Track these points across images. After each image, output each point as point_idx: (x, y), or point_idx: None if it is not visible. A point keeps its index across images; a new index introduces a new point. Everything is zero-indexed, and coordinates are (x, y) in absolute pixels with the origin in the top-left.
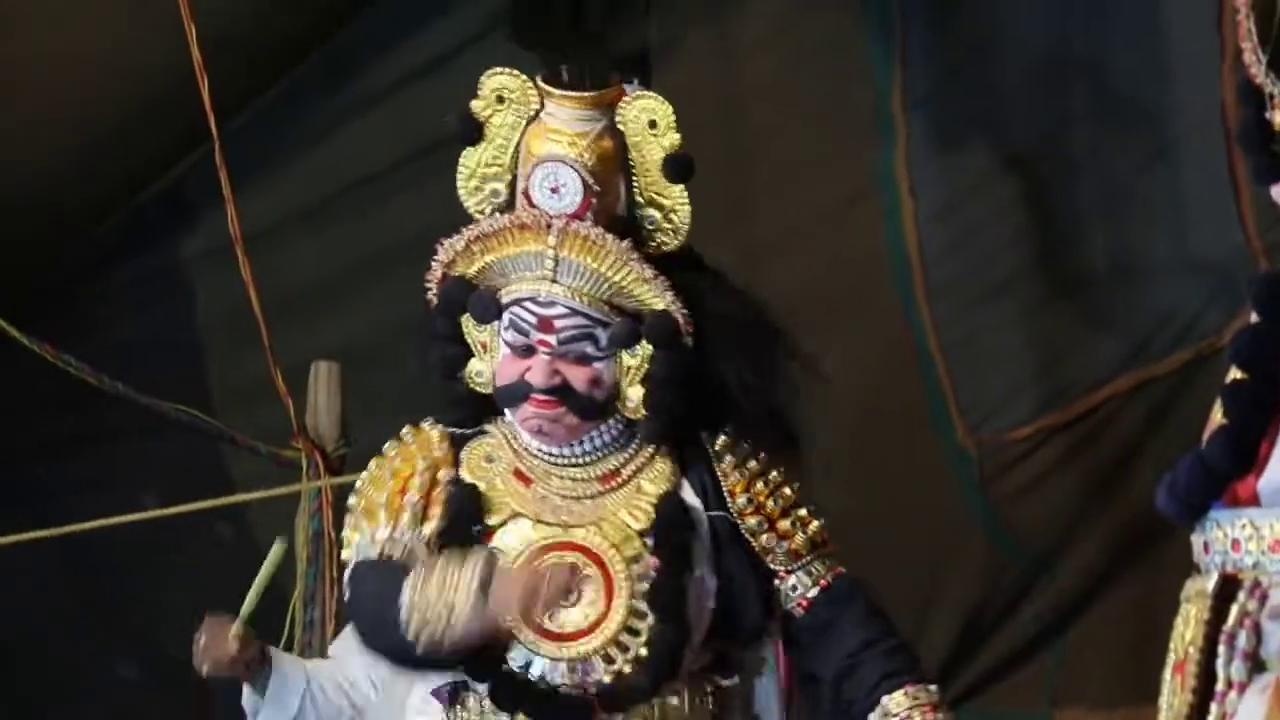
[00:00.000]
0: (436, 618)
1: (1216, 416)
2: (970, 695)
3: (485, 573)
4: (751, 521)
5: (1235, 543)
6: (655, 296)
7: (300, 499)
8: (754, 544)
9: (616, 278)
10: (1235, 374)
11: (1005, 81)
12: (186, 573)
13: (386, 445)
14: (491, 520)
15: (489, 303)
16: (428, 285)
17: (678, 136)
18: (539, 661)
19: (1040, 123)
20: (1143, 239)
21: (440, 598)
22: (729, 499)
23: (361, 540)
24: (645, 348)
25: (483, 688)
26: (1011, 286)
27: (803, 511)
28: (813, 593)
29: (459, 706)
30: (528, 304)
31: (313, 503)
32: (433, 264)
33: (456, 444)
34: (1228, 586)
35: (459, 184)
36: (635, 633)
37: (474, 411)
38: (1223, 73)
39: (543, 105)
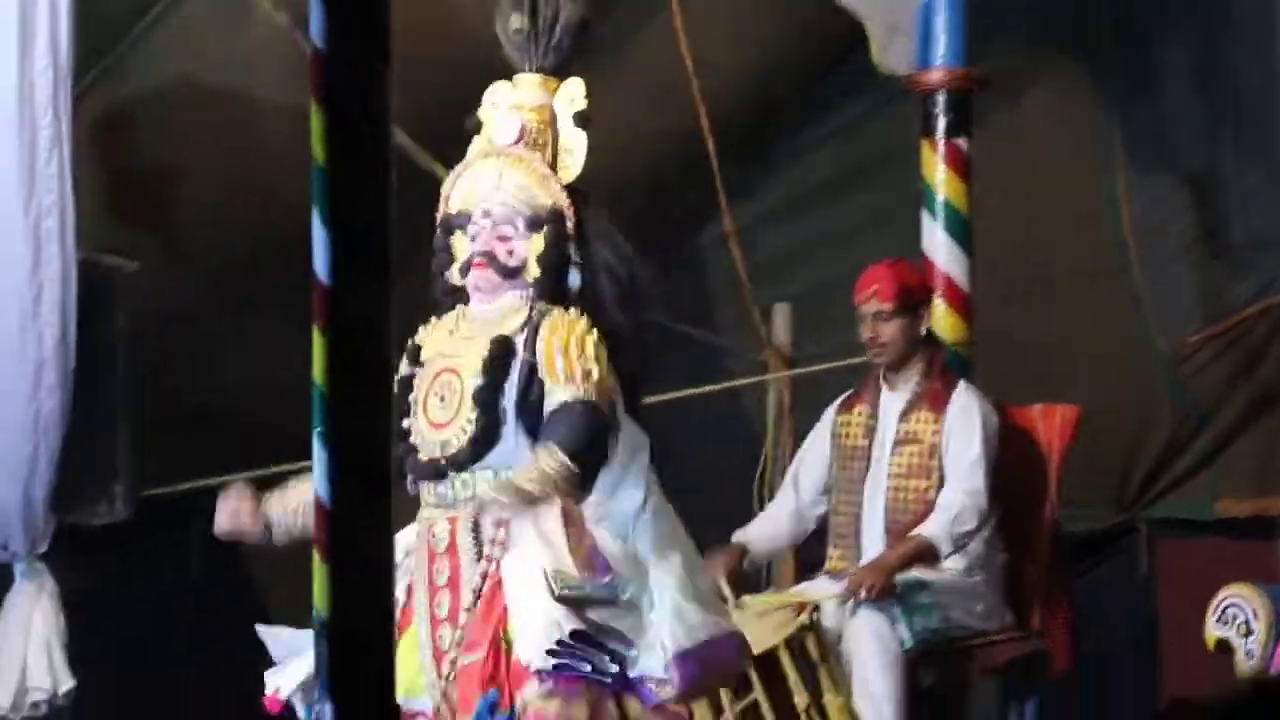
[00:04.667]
0: None
1: None
2: (1164, 494)
3: None
4: (541, 359)
5: None
6: (556, 198)
7: (769, 385)
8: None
9: (534, 184)
10: None
11: (1182, 131)
12: (706, 426)
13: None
14: (422, 357)
15: (463, 219)
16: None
17: (584, 103)
18: (425, 443)
19: (1203, 159)
20: (1266, 223)
21: None
22: (537, 343)
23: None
24: (548, 234)
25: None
26: (1189, 251)
27: (577, 364)
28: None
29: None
30: (482, 205)
31: (776, 386)
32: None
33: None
34: None
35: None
36: (470, 422)
37: (452, 301)
38: None
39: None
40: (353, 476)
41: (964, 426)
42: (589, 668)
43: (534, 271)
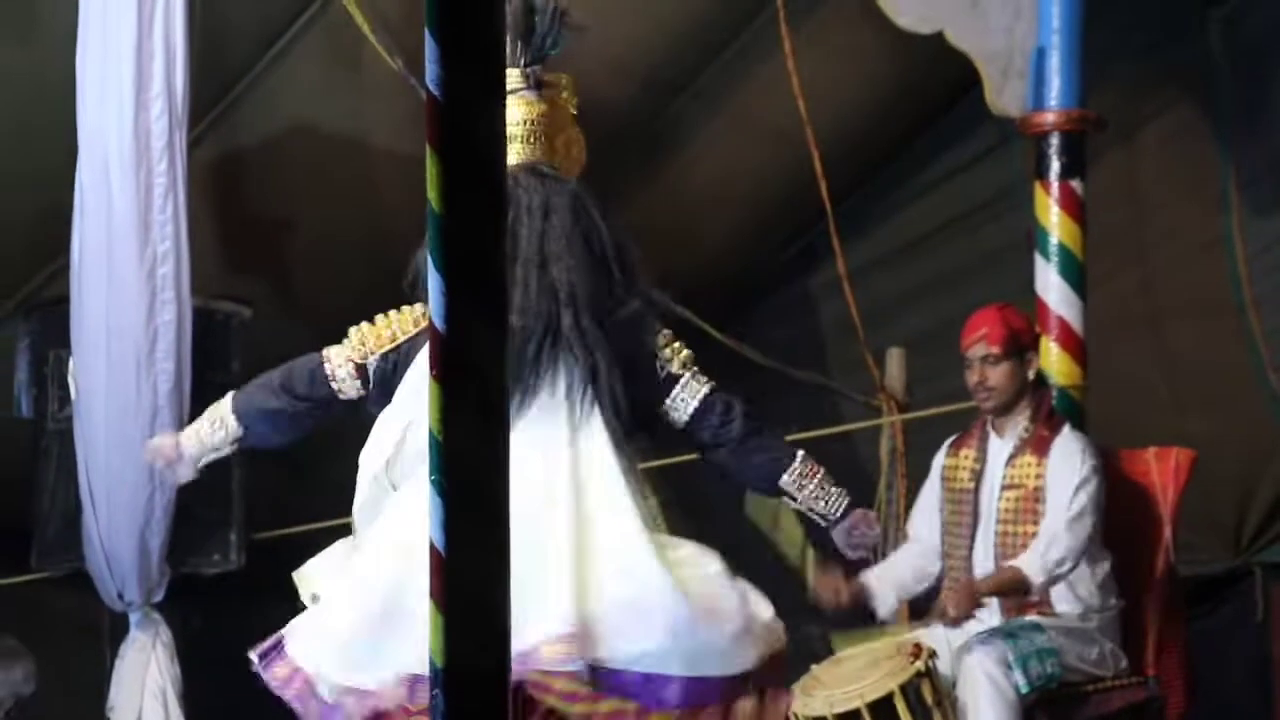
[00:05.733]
0: None
1: None
2: (1279, 537)
3: None
4: None
5: None
6: None
7: (883, 428)
8: None
9: None
10: None
11: None
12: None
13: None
14: None
15: None
16: None
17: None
18: None
19: None
20: None
21: None
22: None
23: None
24: None
25: None
26: None
27: None
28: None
29: None
30: None
31: (889, 430)
32: None
33: None
34: None
35: None
36: None
37: None
38: None
39: None
40: (468, 524)
41: (1064, 467)
42: None
43: None
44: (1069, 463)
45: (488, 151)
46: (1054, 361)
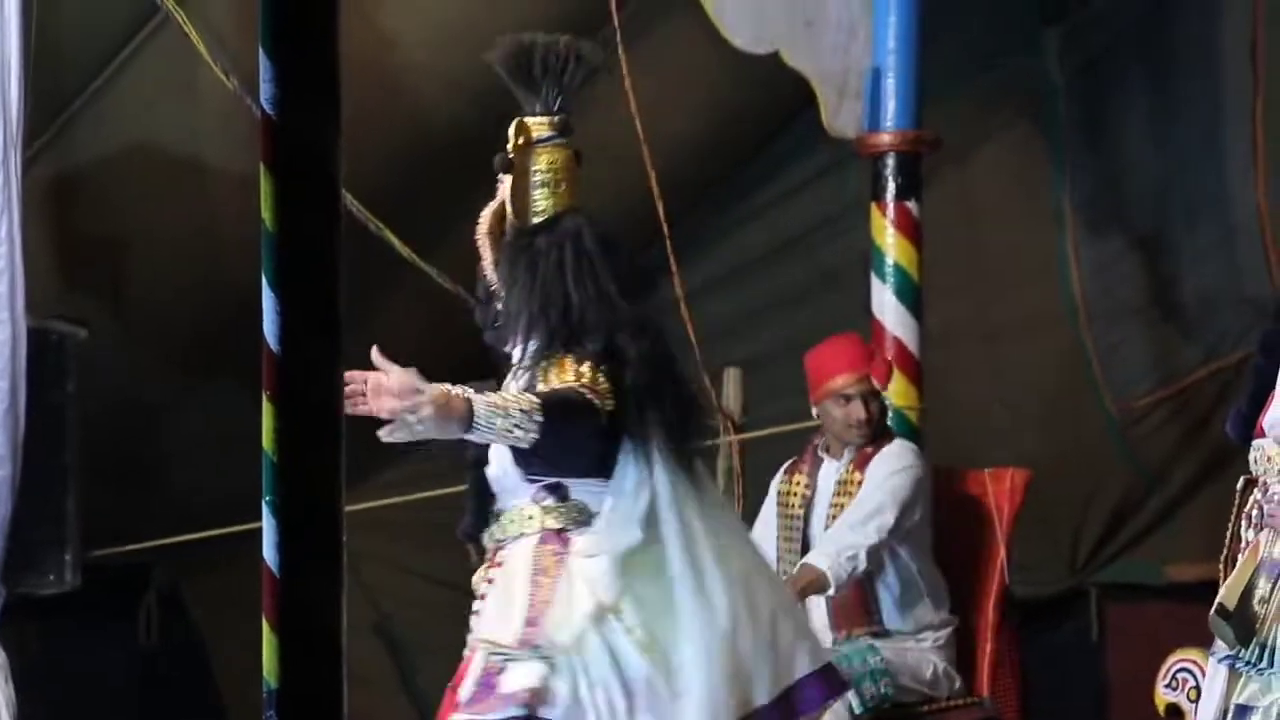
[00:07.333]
0: None
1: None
2: (1114, 558)
3: None
4: None
5: (1255, 459)
6: None
7: (719, 449)
8: None
9: None
10: (1257, 357)
11: (1131, 191)
12: None
13: None
14: None
15: None
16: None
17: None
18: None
19: (1153, 220)
20: (1215, 285)
21: None
22: None
23: None
24: None
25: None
26: (1139, 313)
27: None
28: None
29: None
30: None
31: (726, 450)
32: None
33: None
34: (1249, 484)
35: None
36: None
37: None
38: (1257, 195)
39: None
40: (302, 545)
41: (878, 470)
42: None
43: None
44: (882, 465)
45: (322, 170)
46: (890, 383)
